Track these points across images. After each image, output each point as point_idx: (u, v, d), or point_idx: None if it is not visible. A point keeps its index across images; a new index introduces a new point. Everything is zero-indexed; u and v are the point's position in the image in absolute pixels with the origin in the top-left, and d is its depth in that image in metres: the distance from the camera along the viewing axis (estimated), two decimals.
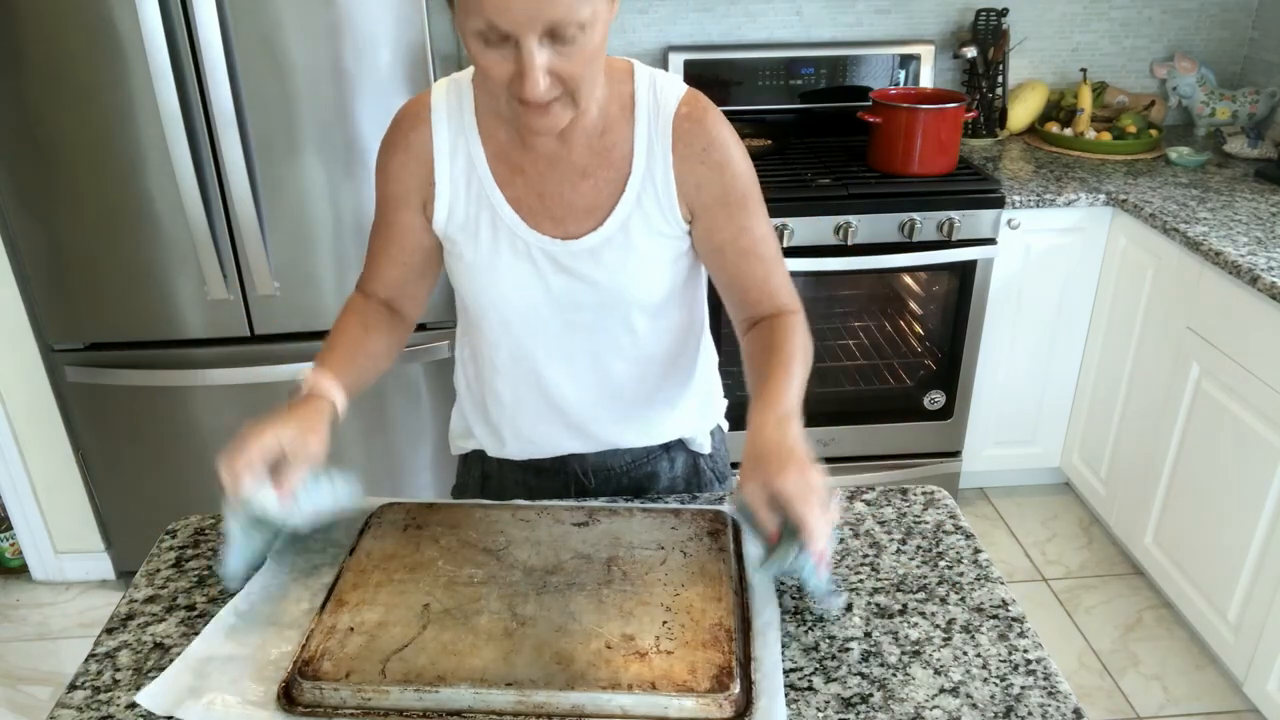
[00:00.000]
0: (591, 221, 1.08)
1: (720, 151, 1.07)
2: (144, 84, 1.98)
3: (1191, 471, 2.21)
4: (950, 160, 2.49)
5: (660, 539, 1.07)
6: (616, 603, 0.98)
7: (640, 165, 1.07)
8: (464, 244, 1.11)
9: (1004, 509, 2.83)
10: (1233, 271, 2.00)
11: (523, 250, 1.09)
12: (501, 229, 1.09)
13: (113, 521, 2.48)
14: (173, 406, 2.30)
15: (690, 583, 1.01)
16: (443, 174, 1.09)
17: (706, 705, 0.87)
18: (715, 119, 1.08)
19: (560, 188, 1.08)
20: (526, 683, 0.88)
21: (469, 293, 1.15)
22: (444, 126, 1.08)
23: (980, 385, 2.63)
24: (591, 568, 1.03)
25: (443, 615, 0.96)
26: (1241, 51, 2.99)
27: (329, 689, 0.88)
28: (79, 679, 0.97)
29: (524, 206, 1.08)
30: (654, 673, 0.89)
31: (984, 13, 2.76)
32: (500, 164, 1.08)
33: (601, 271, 1.09)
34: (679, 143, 1.06)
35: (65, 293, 2.19)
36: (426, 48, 2.04)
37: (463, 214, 1.10)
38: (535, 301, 1.12)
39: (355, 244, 2.19)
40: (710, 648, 0.92)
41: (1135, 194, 2.42)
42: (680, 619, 0.96)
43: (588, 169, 1.07)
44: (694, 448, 1.31)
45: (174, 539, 1.18)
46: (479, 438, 1.30)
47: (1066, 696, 0.92)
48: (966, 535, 1.15)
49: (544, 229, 1.08)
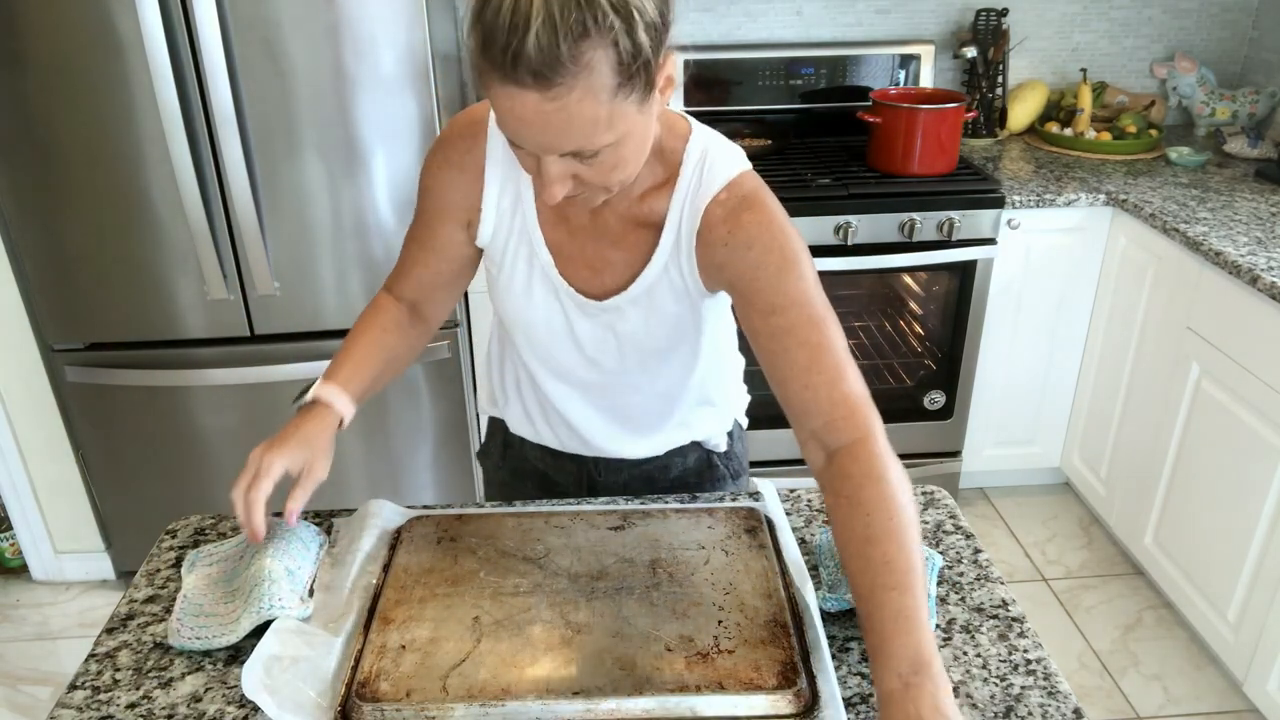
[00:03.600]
0: (621, 279, 1.08)
1: (744, 232, 0.99)
2: (144, 84, 1.98)
3: (1191, 471, 2.21)
4: (950, 160, 2.49)
5: (699, 539, 1.08)
6: (668, 605, 0.98)
7: (669, 238, 1.05)
8: (500, 267, 1.12)
9: (1004, 509, 2.83)
10: (1233, 271, 2.00)
11: (553, 292, 1.11)
12: (537, 267, 1.10)
13: (113, 521, 2.48)
14: (173, 406, 2.30)
15: (738, 580, 1.01)
16: (490, 201, 1.08)
17: (776, 701, 0.87)
18: (759, 209, 1.00)
19: (599, 243, 1.08)
20: (594, 691, 0.87)
21: (502, 309, 1.17)
22: (498, 151, 1.06)
23: (980, 385, 2.63)
24: (636, 571, 1.03)
25: (495, 627, 0.96)
26: (1241, 51, 2.99)
27: (390, 710, 0.86)
28: (79, 679, 0.97)
29: (562, 254, 1.09)
30: (719, 673, 0.89)
31: (984, 13, 2.76)
32: (545, 207, 1.08)
33: (625, 325, 1.11)
34: (704, 231, 1.02)
35: (65, 293, 2.19)
36: (426, 48, 2.04)
37: (503, 243, 1.10)
38: (560, 339, 1.14)
39: (355, 244, 2.19)
40: (770, 644, 0.93)
41: (1135, 194, 2.42)
42: (735, 617, 0.96)
43: (624, 231, 1.07)
44: (709, 446, 1.33)
45: (174, 539, 1.18)
46: (501, 408, 1.32)
47: (1066, 696, 0.92)
48: (966, 535, 1.15)
49: (578, 278, 1.10)
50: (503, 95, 0.81)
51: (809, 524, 1.17)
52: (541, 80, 0.79)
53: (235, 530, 1.19)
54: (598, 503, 1.20)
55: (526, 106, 0.81)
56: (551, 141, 0.84)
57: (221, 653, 0.99)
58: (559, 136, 0.83)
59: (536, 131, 0.83)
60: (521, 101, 0.81)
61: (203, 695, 0.94)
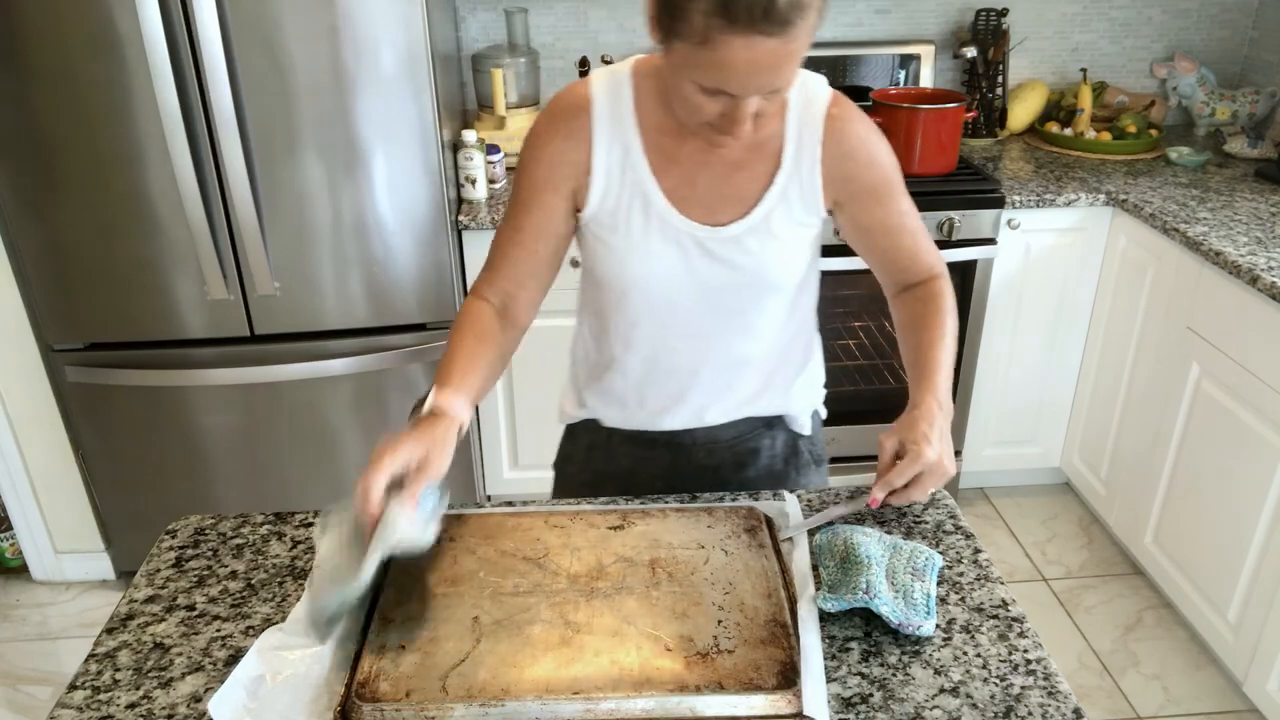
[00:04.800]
0: (739, 209, 1.14)
1: (867, 148, 1.15)
2: (144, 84, 1.98)
3: (1191, 471, 2.21)
4: (950, 160, 2.49)
5: (699, 538, 1.08)
6: (668, 604, 0.98)
7: (789, 160, 1.13)
8: (613, 229, 1.16)
9: (1004, 509, 2.83)
10: (1233, 271, 2.00)
11: (672, 236, 1.15)
12: (653, 215, 1.14)
13: (113, 521, 2.49)
14: (173, 406, 2.30)
15: (738, 580, 1.01)
16: (599, 162, 1.13)
17: (776, 702, 0.87)
18: (861, 118, 1.16)
19: (713, 178, 1.14)
20: (593, 690, 0.87)
21: (614, 274, 1.19)
22: (604, 117, 1.13)
23: (980, 385, 2.63)
24: (636, 571, 1.03)
25: (495, 627, 0.95)
26: (1241, 51, 2.99)
27: (390, 710, 0.86)
28: (79, 679, 0.97)
29: (677, 195, 1.14)
30: (719, 673, 0.89)
31: (984, 13, 2.76)
32: (656, 153, 1.13)
33: (744, 257, 1.15)
34: (829, 140, 1.13)
35: (65, 293, 2.19)
36: (426, 48, 2.04)
37: (614, 200, 1.15)
38: (680, 284, 1.17)
39: (355, 244, 2.19)
40: (770, 644, 0.92)
41: (1135, 194, 2.42)
42: (735, 617, 0.96)
43: (741, 162, 1.14)
44: (795, 427, 1.36)
45: (174, 539, 1.18)
46: (591, 408, 1.34)
47: (1066, 696, 0.92)
48: (966, 535, 1.15)
49: (694, 216, 1.14)
50: (739, 46, 0.91)
51: None
52: (785, 26, 0.91)
53: (237, 530, 1.19)
54: (597, 503, 1.20)
55: (764, 52, 0.92)
56: (769, 81, 0.96)
57: (222, 653, 0.99)
58: (776, 76, 0.96)
59: (764, 74, 0.94)
60: (761, 48, 0.91)
61: (202, 695, 0.94)
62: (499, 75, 2.51)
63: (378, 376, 2.31)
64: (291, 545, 1.16)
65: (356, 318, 2.27)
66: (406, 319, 2.28)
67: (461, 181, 2.40)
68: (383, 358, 2.29)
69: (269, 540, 1.17)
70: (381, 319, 2.28)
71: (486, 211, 2.34)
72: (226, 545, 1.16)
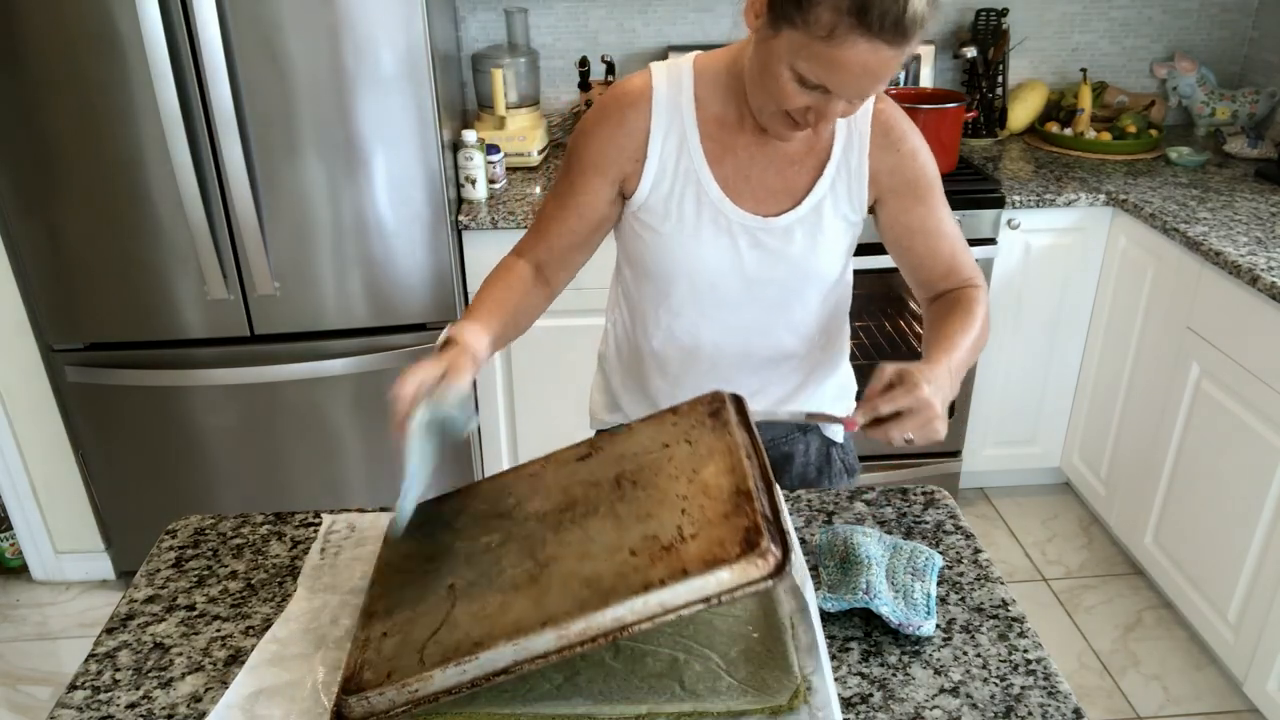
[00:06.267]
0: (789, 201, 1.18)
1: (910, 142, 1.18)
2: (144, 84, 1.98)
3: (1191, 471, 2.21)
4: (950, 160, 2.49)
5: (664, 439, 1.02)
6: (632, 512, 0.93)
7: (839, 152, 1.17)
8: (664, 216, 1.19)
9: (1004, 509, 2.83)
10: (1233, 271, 2.00)
11: (724, 225, 1.18)
12: (705, 204, 1.17)
13: (113, 521, 2.48)
14: (173, 406, 2.30)
15: (701, 465, 0.95)
16: (654, 149, 1.17)
17: (744, 569, 0.81)
18: (905, 116, 1.20)
19: (766, 171, 1.17)
20: (561, 617, 0.83)
21: (663, 263, 1.21)
22: (663, 105, 1.17)
23: (980, 385, 2.63)
24: (601, 490, 0.98)
25: (469, 589, 0.93)
26: (1241, 51, 2.99)
27: (375, 696, 0.85)
28: (79, 679, 0.97)
29: (730, 185, 1.17)
30: (683, 560, 0.84)
31: (984, 13, 2.76)
32: (712, 143, 1.17)
33: (793, 247, 1.19)
34: (877, 133, 1.17)
35: (65, 293, 2.19)
36: (426, 48, 2.04)
37: (667, 188, 1.18)
38: (728, 273, 1.20)
39: (355, 244, 2.19)
40: (733, 516, 0.86)
41: (1135, 194, 2.42)
42: (698, 501, 0.90)
43: (795, 156, 1.17)
44: (828, 434, 1.38)
45: (174, 539, 1.18)
46: (626, 409, 1.36)
47: (1066, 696, 0.92)
48: (966, 535, 1.15)
49: (745, 206, 1.18)
50: (863, 49, 0.95)
51: (809, 524, 1.17)
52: (906, 39, 0.95)
53: (237, 530, 1.19)
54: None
55: (881, 59, 0.96)
56: (871, 86, 0.99)
57: (222, 653, 0.99)
58: (878, 83, 0.99)
59: (871, 79, 0.98)
60: (876, 55, 0.95)
61: (203, 695, 0.94)
62: (499, 75, 2.51)
63: (378, 376, 2.31)
64: (291, 545, 1.16)
65: (356, 318, 2.27)
66: (406, 319, 2.28)
67: (461, 181, 2.40)
68: (383, 358, 2.29)
69: (269, 540, 1.17)
70: (381, 319, 2.28)
71: (486, 211, 2.34)
72: (226, 545, 1.16)
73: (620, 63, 2.80)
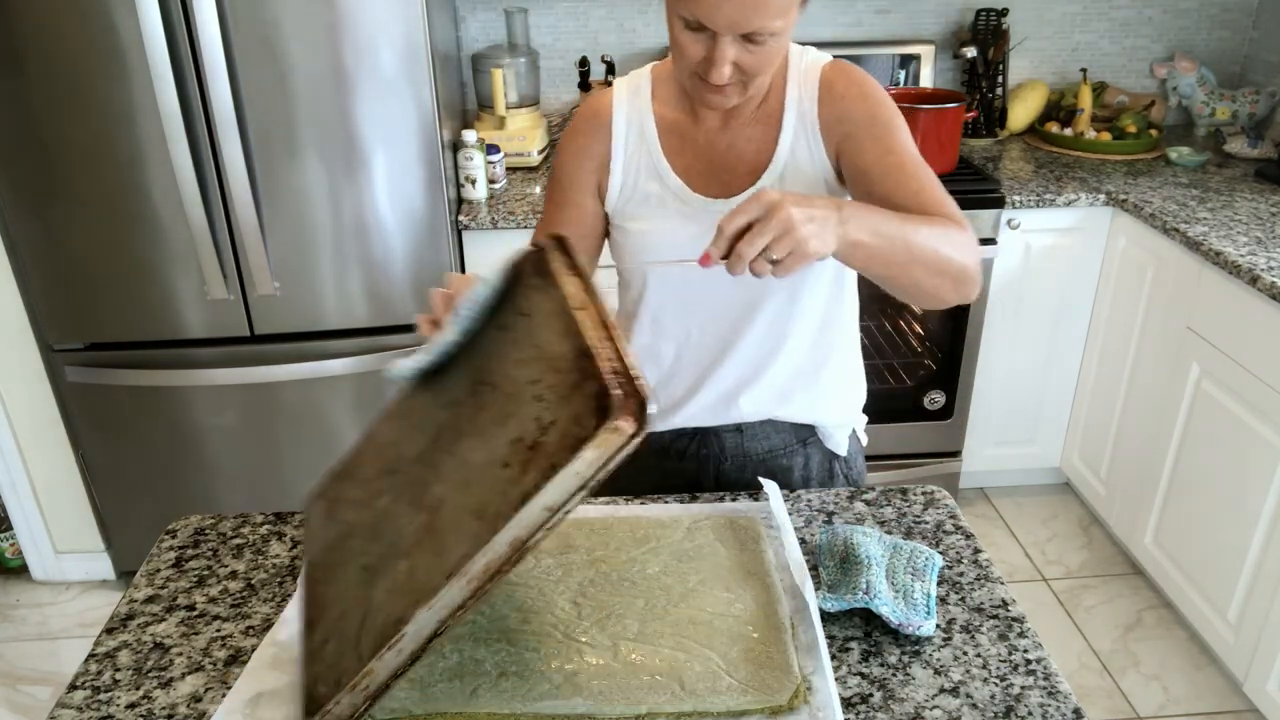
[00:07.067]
0: (751, 179, 1.19)
1: (857, 87, 1.17)
2: (144, 84, 1.98)
3: (1191, 471, 2.21)
4: (950, 160, 2.49)
5: (501, 320, 0.95)
6: (493, 420, 0.85)
7: (791, 118, 1.18)
8: (634, 216, 1.22)
9: (1004, 509, 2.83)
10: (1233, 271, 2.00)
11: (689, 214, 1.19)
12: (669, 194, 1.20)
13: (113, 521, 2.48)
14: (173, 406, 2.30)
15: (544, 343, 0.87)
16: (618, 151, 1.22)
17: (606, 439, 0.75)
18: (858, 70, 1.19)
19: (727, 155, 1.20)
20: (461, 561, 0.77)
21: (636, 258, 1.24)
22: (623, 111, 1.22)
23: (980, 385, 2.63)
24: (462, 407, 0.91)
25: (380, 564, 0.87)
26: (1241, 51, 2.99)
27: (334, 707, 0.82)
28: (79, 679, 0.97)
29: (691, 174, 1.20)
30: (549, 455, 0.77)
31: (984, 13, 2.76)
32: (671, 136, 1.21)
33: None
34: (824, 92, 1.17)
35: (65, 293, 2.19)
36: (426, 48, 2.04)
37: (632, 188, 1.22)
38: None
39: (355, 244, 2.19)
40: (582, 383, 0.79)
41: (1135, 194, 2.42)
42: (548, 381, 0.83)
43: (751, 134, 1.19)
44: (830, 445, 1.35)
45: (174, 539, 1.18)
46: None
47: (1066, 696, 0.92)
48: (966, 535, 1.15)
49: (710, 192, 1.19)
50: None
51: (809, 524, 1.17)
52: None
53: (237, 530, 1.19)
54: None
55: None
56: (742, 18, 0.99)
57: (222, 653, 0.99)
58: (750, 13, 0.99)
59: (736, 6, 0.98)
60: None
61: (203, 695, 0.94)
62: (499, 75, 2.51)
63: (378, 376, 2.31)
64: (291, 545, 1.16)
65: (356, 318, 2.27)
66: (406, 319, 2.28)
67: (461, 181, 2.40)
68: (382, 358, 2.29)
69: (269, 540, 1.17)
70: (381, 319, 2.28)
71: (486, 211, 2.34)
72: (226, 545, 1.16)
73: (620, 63, 2.80)
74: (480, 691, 0.90)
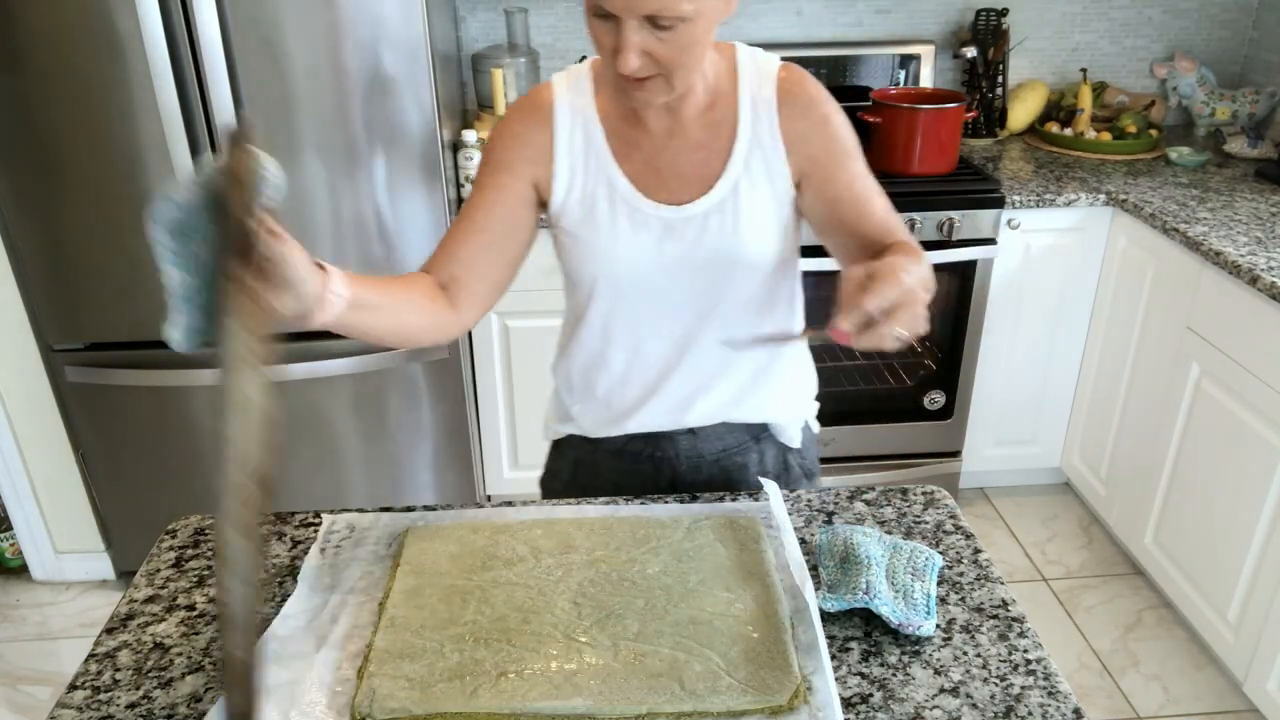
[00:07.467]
0: (702, 187, 1.15)
1: (819, 108, 1.15)
2: (144, 84, 1.98)
3: (1191, 471, 2.21)
4: (950, 160, 2.49)
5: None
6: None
7: (746, 129, 1.14)
8: (582, 220, 1.17)
9: (1004, 509, 2.83)
10: (1233, 271, 2.00)
11: (640, 220, 1.16)
12: (618, 200, 1.16)
13: (113, 521, 2.48)
14: (173, 406, 2.30)
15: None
16: (562, 152, 1.16)
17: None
18: (813, 82, 1.17)
19: (675, 159, 1.16)
20: None
21: (585, 266, 1.19)
22: (565, 106, 1.16)
23: (980, 385, 2.63)
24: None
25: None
26: (1241, 51, 2.99)
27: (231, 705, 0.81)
28: (79, 679, 0.97)
29: (641, 179, 1.16)
30: None
31: (984, 13, 2.76)
32: (617, 140, 1.16)
33: (711, 235, 1.15)
34: (783, 104, 1.14)
35: (65, 293, 2.19)
36: (426, 48, 2.04)
37: (580, 190, 1.17)
38: (649, 268, 1.17)
39: (355, 244, 2.19)
40: None
41: (1135, 194, 2.42)
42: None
43: (700, 141, 1.15)
44: (783, 439, 1.34)
45: (174, 539, 1.18)
46: (577, 418, 1.32)
47: (1066, 696, 0.92)
48: (966, 535, 1.15)
49: (659, 198, 1.16)
50: None
51: (809, 524, 1.17)
52: None
53: None
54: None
55: None
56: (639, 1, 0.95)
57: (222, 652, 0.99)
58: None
59: None
60: None
61: (203, 695, 0.94)
62: (499, 75, 2.51)
63: (378, 376, 2.31)
64: (291, 545, 1.16)
65: None
66: None
67: (461, 181, 2.40)
68: (383, 358, 2.29)
69: (269, 540, 1.17)
70: None
71: None
72: None
73: None
74: (480, 691, 0.90)
